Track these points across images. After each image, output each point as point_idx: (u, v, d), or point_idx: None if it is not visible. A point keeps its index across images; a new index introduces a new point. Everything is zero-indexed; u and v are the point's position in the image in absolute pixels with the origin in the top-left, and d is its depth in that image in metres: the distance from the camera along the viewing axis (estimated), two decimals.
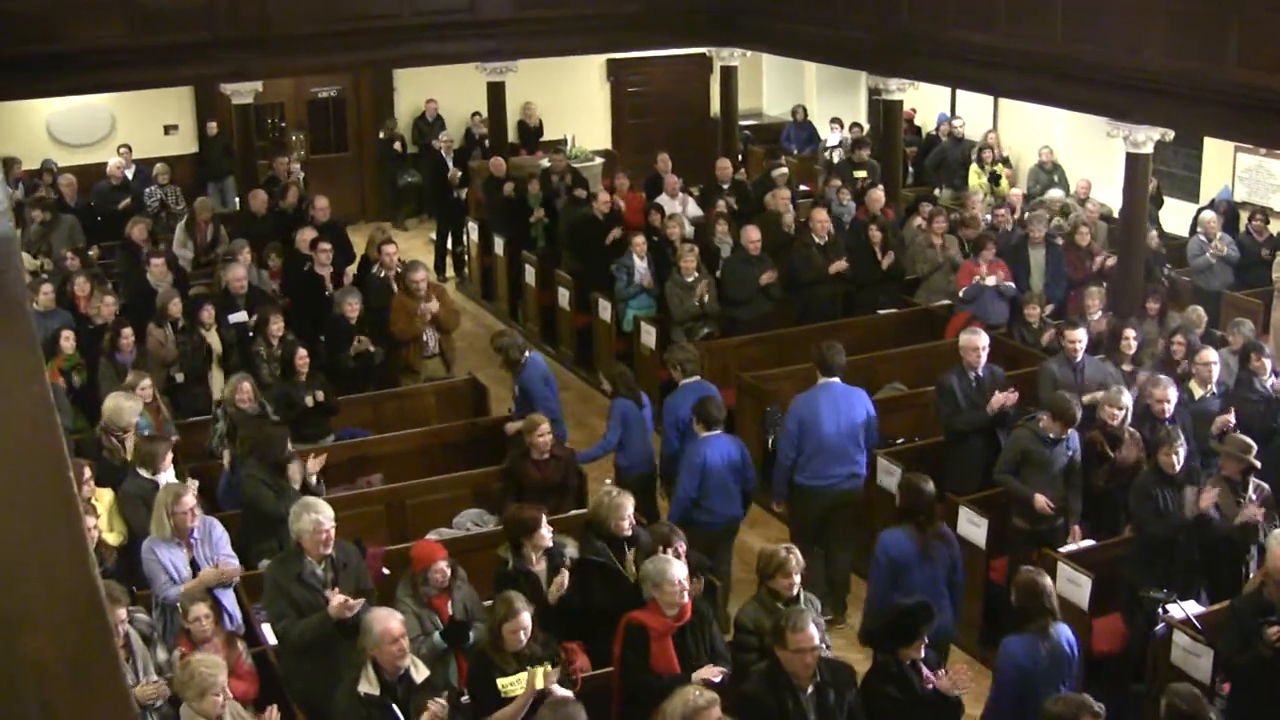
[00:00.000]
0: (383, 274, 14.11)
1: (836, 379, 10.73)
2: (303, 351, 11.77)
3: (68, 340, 12.22)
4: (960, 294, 14.08)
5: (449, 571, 8.19)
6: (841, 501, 10.64)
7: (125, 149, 19.59)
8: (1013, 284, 13.95)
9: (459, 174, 19.70)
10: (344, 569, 8.21)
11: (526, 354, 11.74)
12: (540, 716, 6.83)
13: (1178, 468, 9.34)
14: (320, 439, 11.71)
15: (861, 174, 18.13)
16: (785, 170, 18.06)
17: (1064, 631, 7.82)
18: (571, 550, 8.82)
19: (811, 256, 14.39)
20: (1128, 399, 10.27)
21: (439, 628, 8.07)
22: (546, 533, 8.62)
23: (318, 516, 8.08)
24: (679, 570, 7.74)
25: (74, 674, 1.96)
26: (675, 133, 23.43)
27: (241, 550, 9.30)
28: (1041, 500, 9.81)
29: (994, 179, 19.34)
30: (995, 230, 15.48)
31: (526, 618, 7.53)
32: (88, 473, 9.88)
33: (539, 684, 7.21)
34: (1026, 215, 15.76)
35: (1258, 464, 9.54)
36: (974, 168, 19.77)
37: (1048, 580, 7.92)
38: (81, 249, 15.59)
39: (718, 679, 7.39)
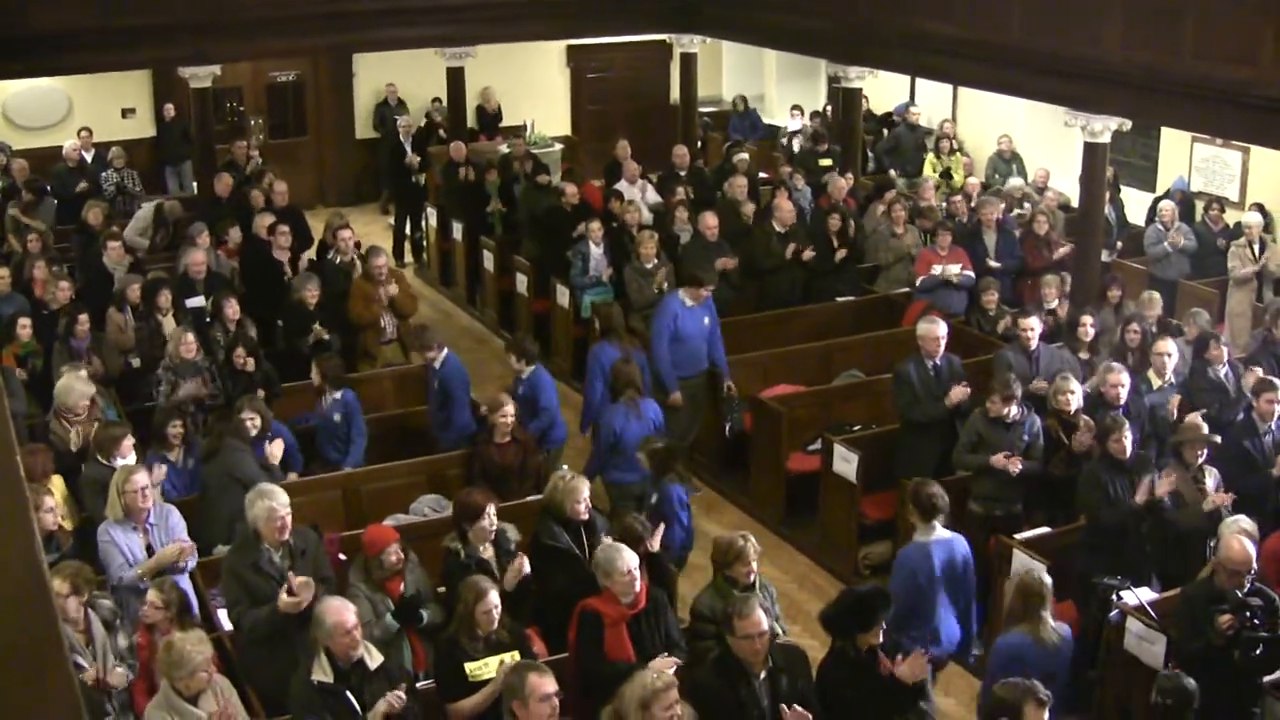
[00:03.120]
0: (339, 260, 14.04)
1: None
2: (240, 350, 11.75)
3: (25, 328, 12.12)
4: (918, 283, 14.12)
5: (401, 554, 8.17)
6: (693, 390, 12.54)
7: (86, 132, 19.37)
8: (971, 274, 13.99)
9: (417, 159, 19.63)
10: (302, 555, 8.17)
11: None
12: (506, 681, 6.86)
13: (1127, 454, 9.40)
14: None
15: (827, 162, 18.07)
16: (746, 157, 18.00)
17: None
18: (513, 534, 8.82)
19: (771, 244, 14.39)
20: (1075, 384, 10.32)
21: (392, 610, 8.06)
22: (491, 517, 8.60)
23: (272, 504, 8.03)
24: (630, 559, 7.74)
25: (19, 657, 1.94)
26: (635, 119, 23.39)
27: (197, 538, 9.21)
28: (999, 458, 9.85)
29: (946, 175, 19.31)
30: (951, 219, 15.50)
31: (495, 596, 7.54)
32: (49, 457, 9.85)
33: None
34: (980, 200, 15.81)
35: (1217, 439, 9.64)
36: (930, 156, 19.80)
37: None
38: (45, 232, 15.42)
39: (670, 670, 7.38)
